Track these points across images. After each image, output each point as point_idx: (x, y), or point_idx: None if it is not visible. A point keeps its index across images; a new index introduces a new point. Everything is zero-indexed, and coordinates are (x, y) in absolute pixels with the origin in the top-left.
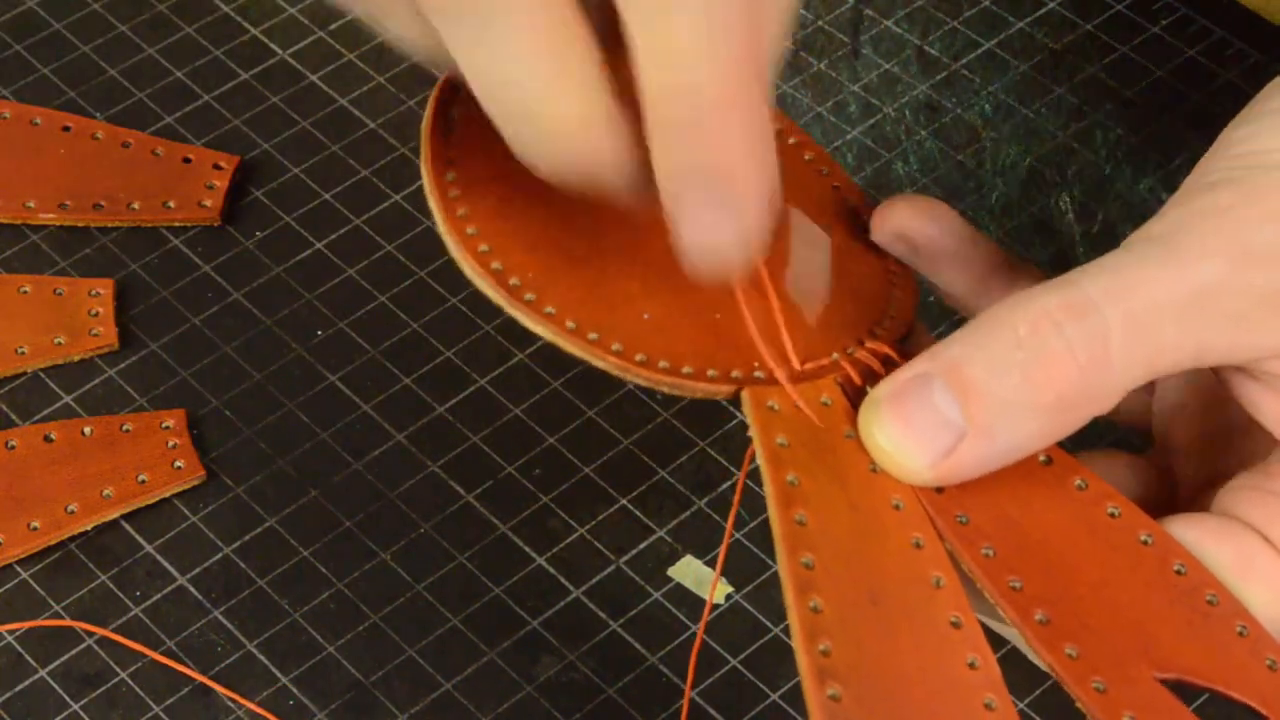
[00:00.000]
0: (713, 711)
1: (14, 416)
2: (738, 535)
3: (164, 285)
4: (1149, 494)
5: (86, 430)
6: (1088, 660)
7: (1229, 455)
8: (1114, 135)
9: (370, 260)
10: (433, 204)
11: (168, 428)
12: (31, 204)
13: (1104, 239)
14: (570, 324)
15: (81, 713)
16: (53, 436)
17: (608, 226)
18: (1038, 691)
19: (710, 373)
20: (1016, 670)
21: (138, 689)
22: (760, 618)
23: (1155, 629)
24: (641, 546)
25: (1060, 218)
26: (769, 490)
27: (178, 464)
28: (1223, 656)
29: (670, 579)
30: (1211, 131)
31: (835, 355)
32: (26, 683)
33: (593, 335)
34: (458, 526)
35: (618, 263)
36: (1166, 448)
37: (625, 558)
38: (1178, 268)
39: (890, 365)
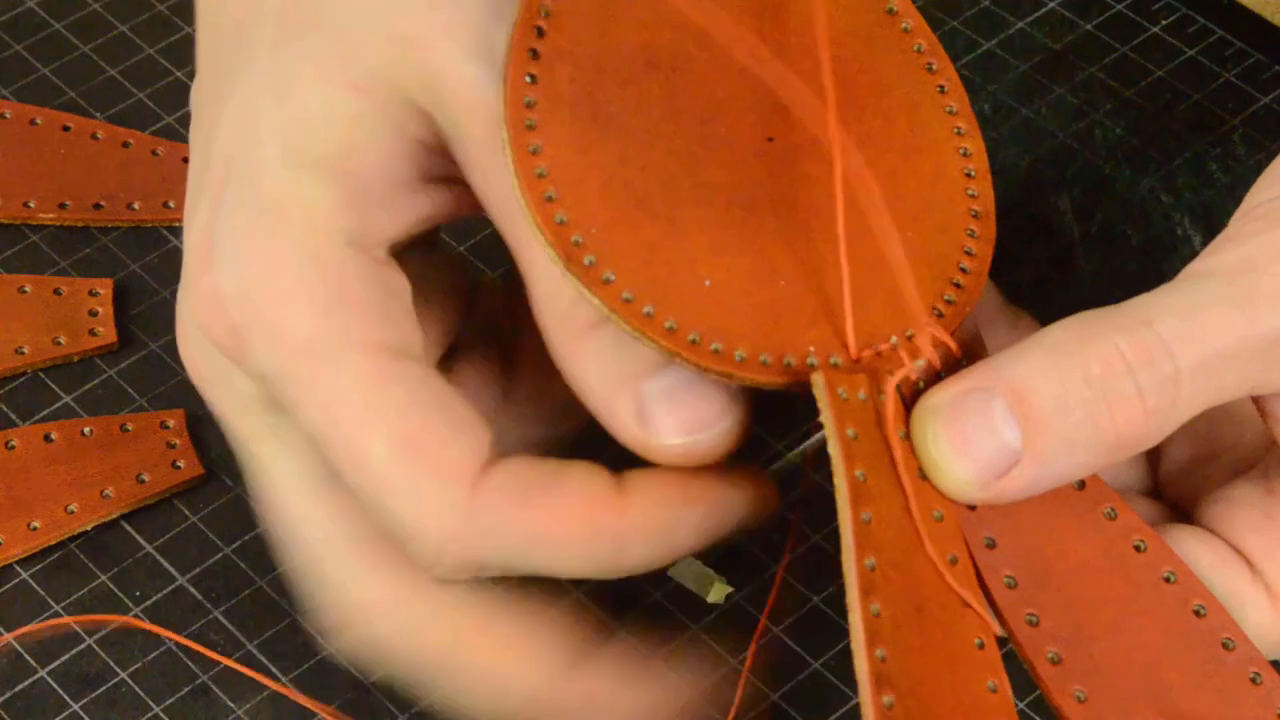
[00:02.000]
0: (713, 711)
1: (14, 416)
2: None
3: (164, 285)
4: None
5: (86, 430)
6: (1095, 706)
7: (1215, 438)
8: (1114, 135)
9: None
10: (506, 136)
11: (168, 427)
12: (31, 204)
13: (1104, 239)
14: (626, 294)
15: (81, 713)
16: (53, 436)
17: (689, 163)
18: (1039, 691)
19: (763, 358)
20: (1017, 671)
21: (138, 689)
22: (760, 617)
23: (1168, 674)
24: None
25: (1060, 218)
26: (841, 484)
27: (178, 464)
28: (1233, 706)
29: (670, 579)
30: (1212, 132)
31: (894, 340)
32: (26, 683)
33: (647, 309)
34: None
35: (690, 211)
36: (1177, 500)
37: None
38: (1253, 314)
39: (948, 360)
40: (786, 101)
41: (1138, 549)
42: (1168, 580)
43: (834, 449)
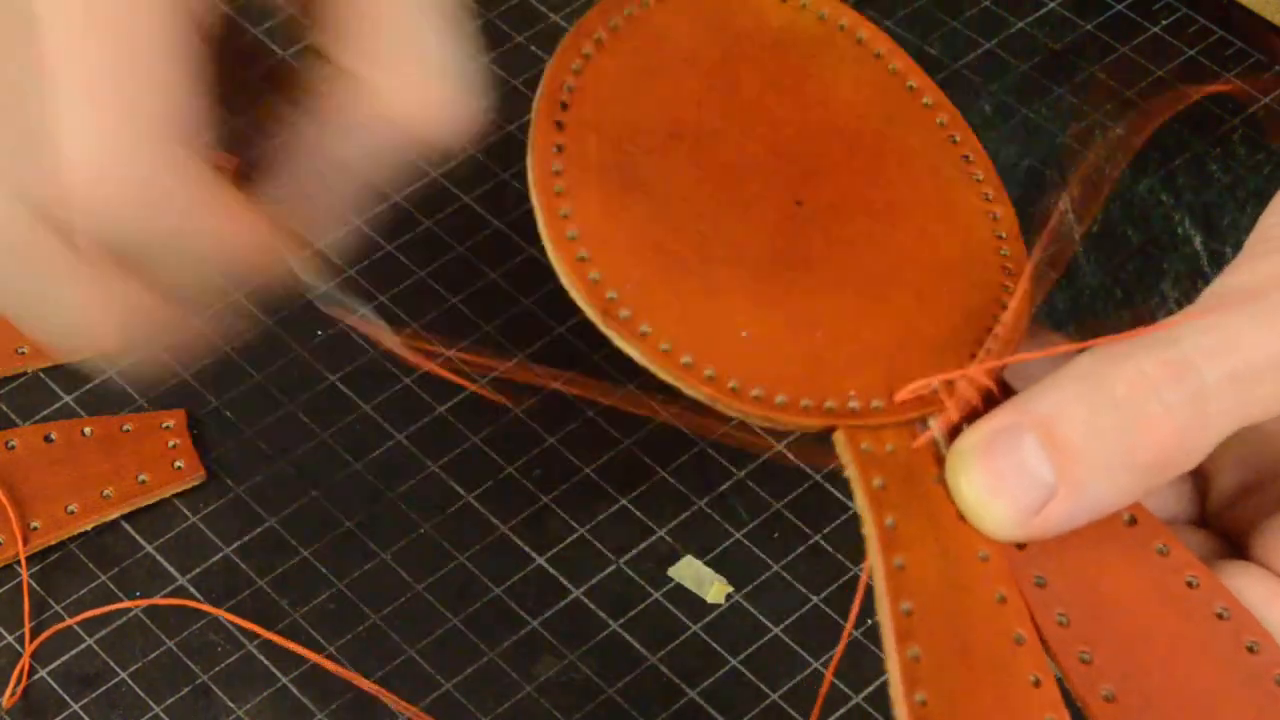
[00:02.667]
0: (713, 711)
1: (14, 416)
2: (738, 535)
3: None
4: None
5: (86, 430)
6: None
7: (1263, 466)
8: (1114, 135)
9: (370, 259)
10: (536, 202)
11: (168, 428)
12: None
13: (1104, 239)
14: (665, 345)
15: (81, 713)
16: (53, 436)
17: (719, 224)
18: None
19: (804, 403)
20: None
21: (138, 689)
22: (760, 618)
23: (1223, 710)
24: (641, 546)
25: (1060, 218)
26: (870, 534)
27: (178, 464)
28: None
29: (670, 579)
30: (1212, 132)
31: (935, 386)
32: (28, 683)
33: (686, 359)
34: (458, 526)
35: (723, 269)
36: (1227, 531)
37: (625, 558)
38: (1275, 331)
39: (991, 401)
40: (812, 168)
41: (1190, 585)
42: (1220, 616)
43: (860, 499)
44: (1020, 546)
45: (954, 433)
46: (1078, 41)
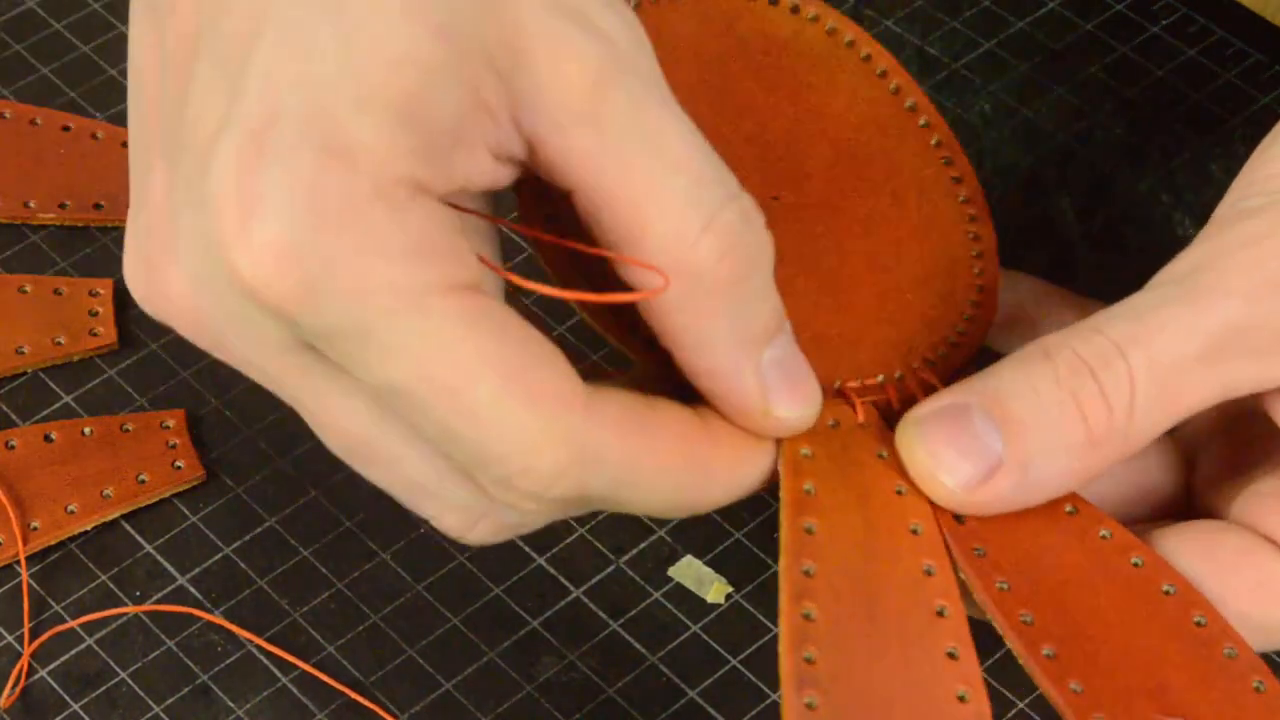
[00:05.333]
0: (713, 711)
1: (14, 416)
2: (737, 535)
3: None
4: (1165, 484)
5: (86, 430)
6: (1092, 696)
7: (1249, 450)
8: (1114, 135)
9: None
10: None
11: (168, 428)
12: (31, 204)
13: (1104, 239)
14: (626, 319)
15: (81, 713)
16: (53, 436)
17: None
18: (1039, 691)
19: None
20: (1017, 671)
21: (138, 689)
22: (760, 618)
23: (1167, 674)
24: (641, 546)
25: (1060, 218)
26: (783, 495)
27: (178, 464)
28: (1235, 710)
29: (670, 579)
30: (1212, 132)
31: (881, 378)
32: (28, 683)
33: (641, 332)
34: None
35: None
36: (1184, 438)
37: (625, 558)
38: (1196, 311)
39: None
40: (795, 170)
41: (1135, 565)
42: (1167, 593)
43: (781, 464)
44: (960, 521)
45: (895, 418)
46: (1078, 41)
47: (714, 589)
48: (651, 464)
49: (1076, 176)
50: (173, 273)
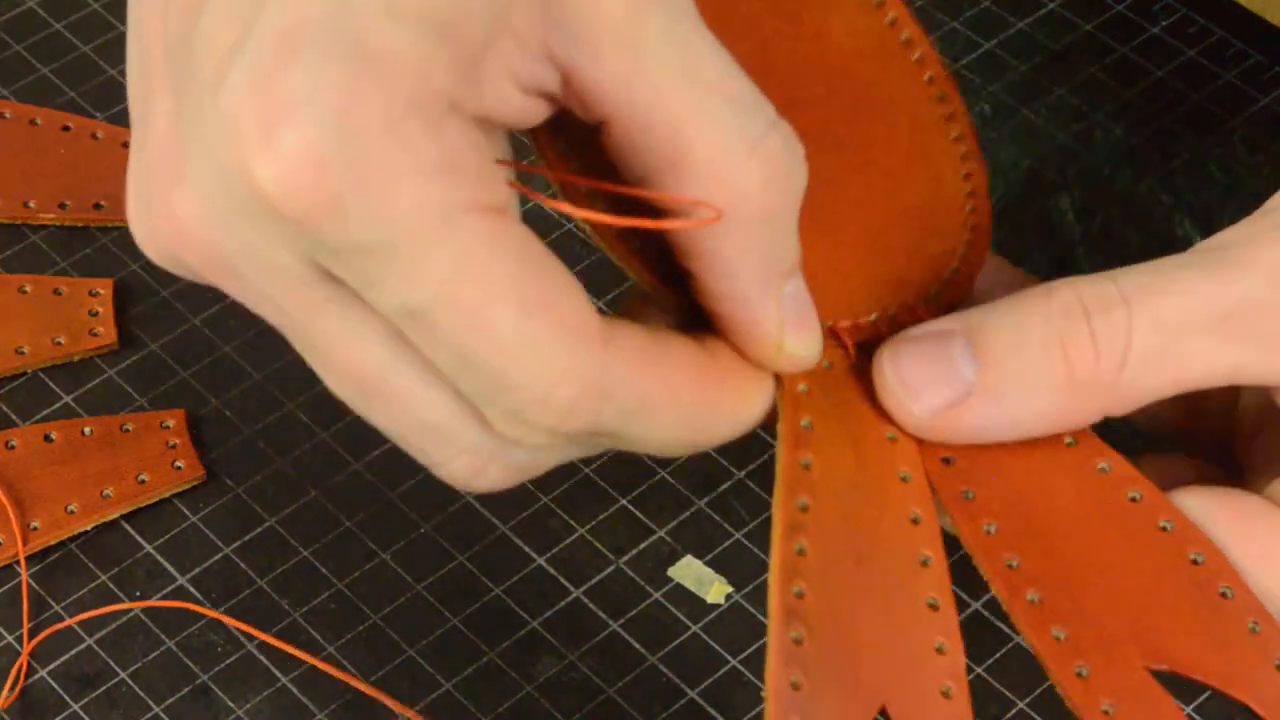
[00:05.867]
0: (713, 711)
1: (14, 416)
2: (737, 535)
3: (164, 285)
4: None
5: (86, 430)
6: (1075, 644)
7: None
8: (1114, 135)
9: None
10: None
11: (168, 428)
12: (31, 204)
13: (1104, 239)
14: (612, 231)
15: (81, 713)
16: (53, 436)
17: None
18: (1038, 691)
19: None
20: (1017, 671)
21: (137, 689)
22: (760, 618)
23: (1157, 617)
24: (641, 546)
25: (1060, 218)
26: (781, 429)
27: (178, 464)
28: (1227, 653)
29: (670, 579)
30: (1212, 132)
31: (875, 316)
32: (27, 683)
33: (635, 245)
34: (458, 526)
35: None
36: (1242, 456)
37: (625, 558)
38: (1215, 280)
39: None
40: (791, 98)
41: (1132, 500)
42: (1163, 529)
43: (780, 399)
44: (948, 463)
45: None
46: (1078, 42)
47: (714, 589)
48: (664, 397)
49: (1076, 176)
50: (182, 204)
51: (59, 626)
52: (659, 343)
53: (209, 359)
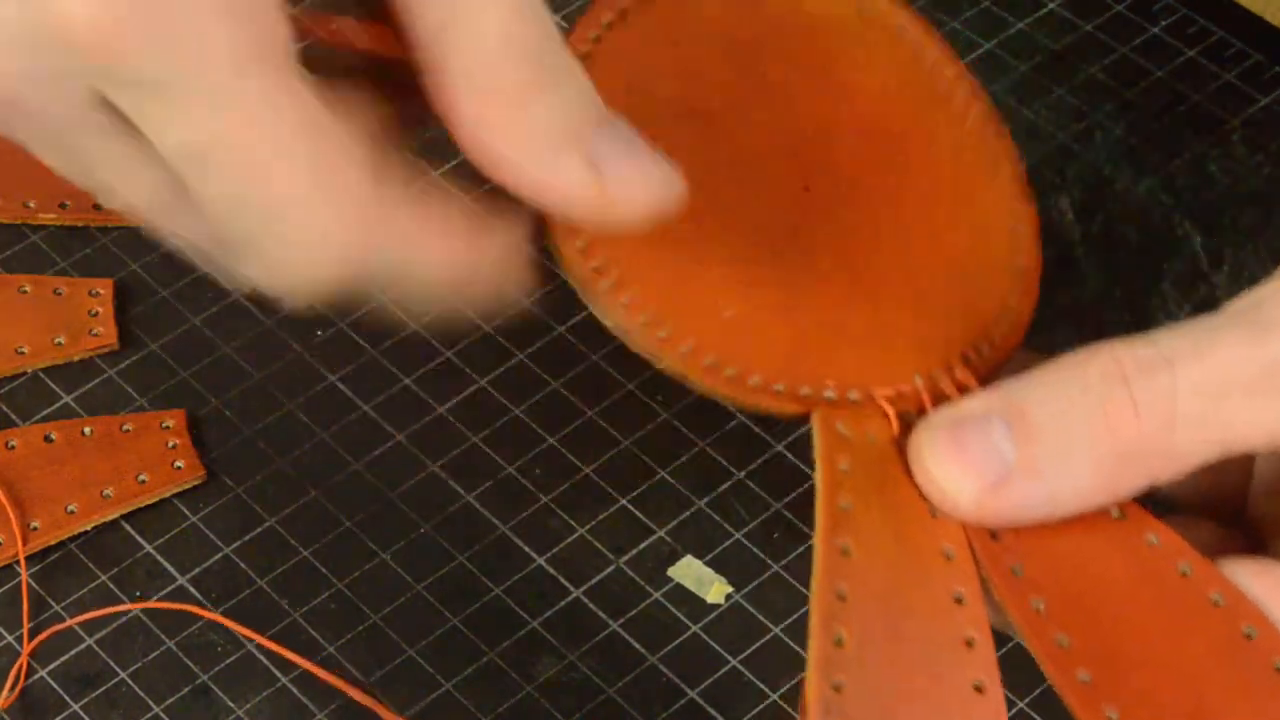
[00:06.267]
0: (713, 711)
1: (14, 416)
2: (737, 535)
3: (164, 285)
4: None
5: (86, 430)
6: None
7: None
8: (1114, 135)
9: None
10: None
11: (168, 428)
12: (31, 204)
13: (1104, 239)
14: (644, 318)
15: (81, 713)
16: (53, 436)
17: (720, 202)
18: (1037, 691)
19: (778, 387)
20: (1017, 671)
21: (137, 689)
22: (760, 618)
23: (1212, 696)
24: (641, 546)
25: (1060, 219)
26: (820, 512)
27: (178, 464)
28: None
29: (670, 579)
30: (1212, 132)
31: (919, 379)
32: (28, 683)
33: (663, 333)
34: (458, 526)
35: (717, 247)
36: (1260, 521)
37: (625, 558)
38: (1254, 341)
39: None
40: (828, 157)
41: (1183, 574)
42: (1215, 604)
43: (819, 478)
44: (994, 537)
45: None
46: (1078, 42)
47: (714, 589)
48: (431, 252)
49: (1076, 176)
50: None
51: (59, 627)
52: (433, 193)
53: (209, 359)
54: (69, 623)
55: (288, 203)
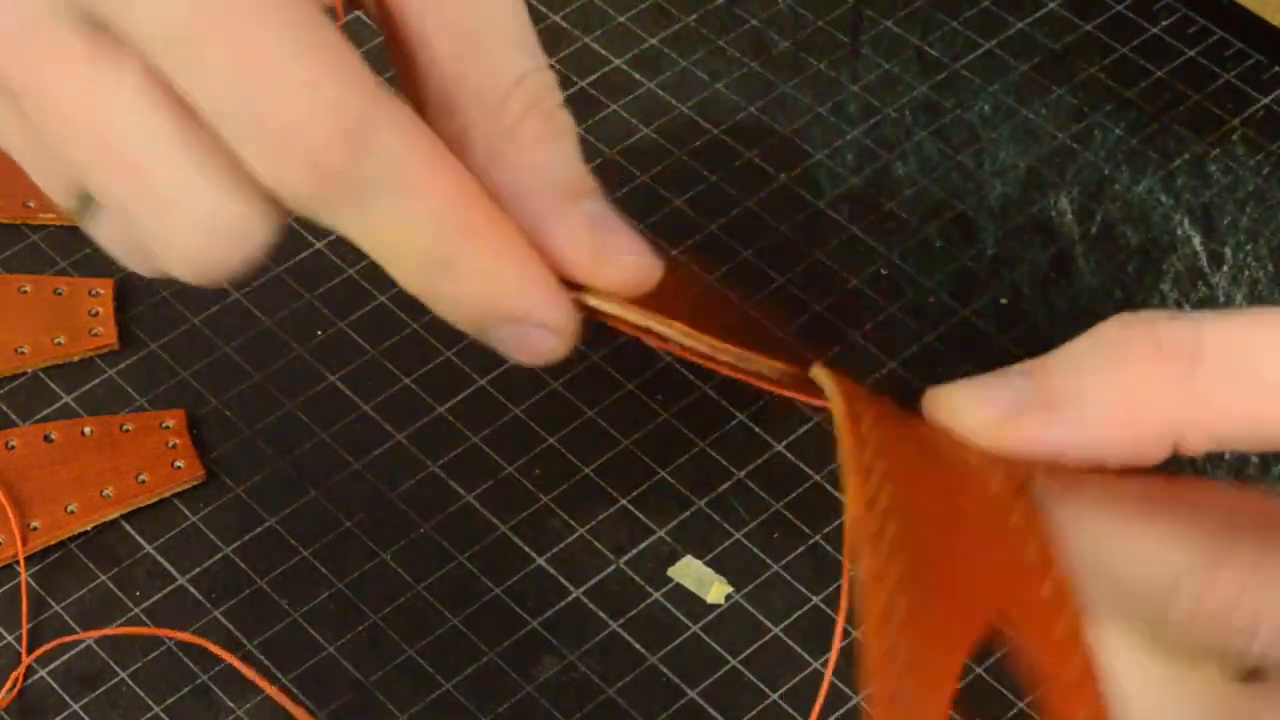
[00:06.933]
0: (713, 711)
1: (14, 416)
2: (737, 535)
3: (164, 285)
4: None
5: (86, 430)
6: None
7: None
8: (1114, 135)
9: (370, 260)
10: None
11: (168, 428)
12: (31, 204)
13: (1104, 239)
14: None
15: (81, 713)
16: (53, 436)
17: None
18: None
19: None
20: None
21: (138, 689)
22: (760, 618)
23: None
24: (641, 546)
25: (1060, 218)
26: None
27: (178, 464)
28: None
29: (670, 579)
30: (1212, 132)
31: None
32: (28, 683)
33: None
34: (458, 526)
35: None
36: None
37: (625, 558)
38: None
39: None
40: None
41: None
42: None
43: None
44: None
45: None
46: (1078, 41)
47: (714, 589)
48: (423, 183)
49: (1076, 176)
50: None
51: (63, 640)
52: (437, 141)
53: (209, 359)
54: (71, 630)
55: (281, 76)
